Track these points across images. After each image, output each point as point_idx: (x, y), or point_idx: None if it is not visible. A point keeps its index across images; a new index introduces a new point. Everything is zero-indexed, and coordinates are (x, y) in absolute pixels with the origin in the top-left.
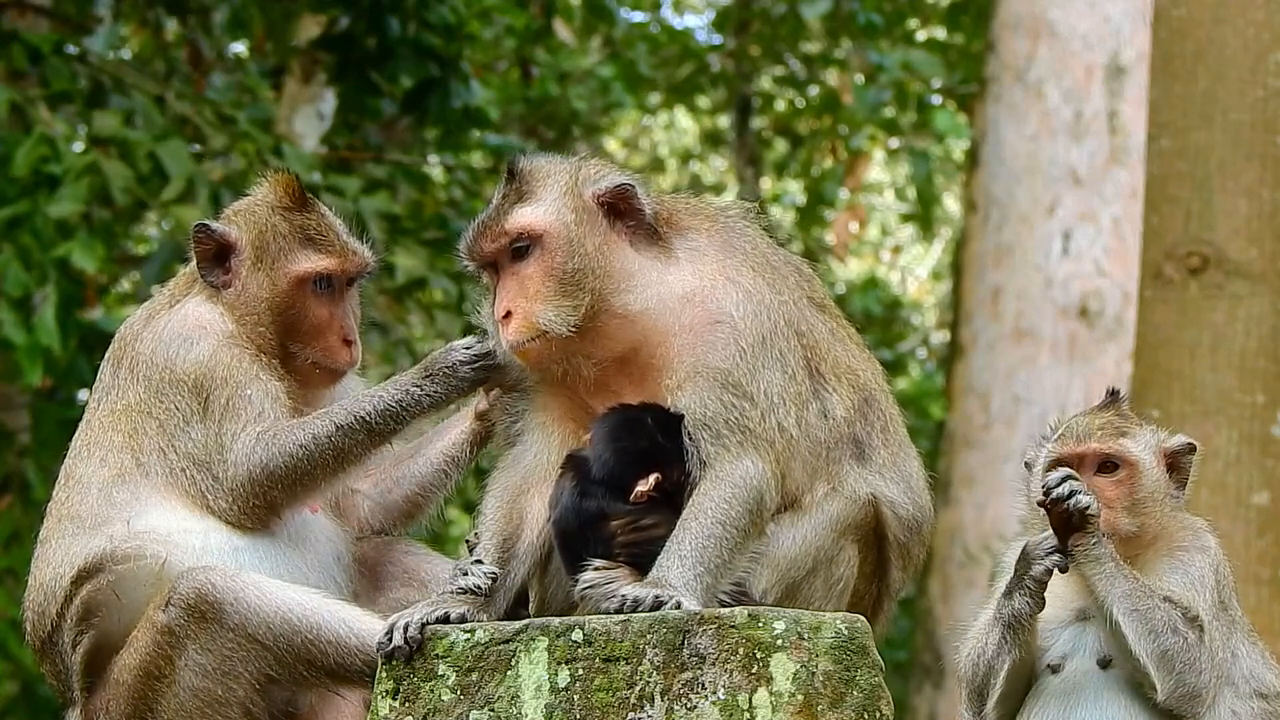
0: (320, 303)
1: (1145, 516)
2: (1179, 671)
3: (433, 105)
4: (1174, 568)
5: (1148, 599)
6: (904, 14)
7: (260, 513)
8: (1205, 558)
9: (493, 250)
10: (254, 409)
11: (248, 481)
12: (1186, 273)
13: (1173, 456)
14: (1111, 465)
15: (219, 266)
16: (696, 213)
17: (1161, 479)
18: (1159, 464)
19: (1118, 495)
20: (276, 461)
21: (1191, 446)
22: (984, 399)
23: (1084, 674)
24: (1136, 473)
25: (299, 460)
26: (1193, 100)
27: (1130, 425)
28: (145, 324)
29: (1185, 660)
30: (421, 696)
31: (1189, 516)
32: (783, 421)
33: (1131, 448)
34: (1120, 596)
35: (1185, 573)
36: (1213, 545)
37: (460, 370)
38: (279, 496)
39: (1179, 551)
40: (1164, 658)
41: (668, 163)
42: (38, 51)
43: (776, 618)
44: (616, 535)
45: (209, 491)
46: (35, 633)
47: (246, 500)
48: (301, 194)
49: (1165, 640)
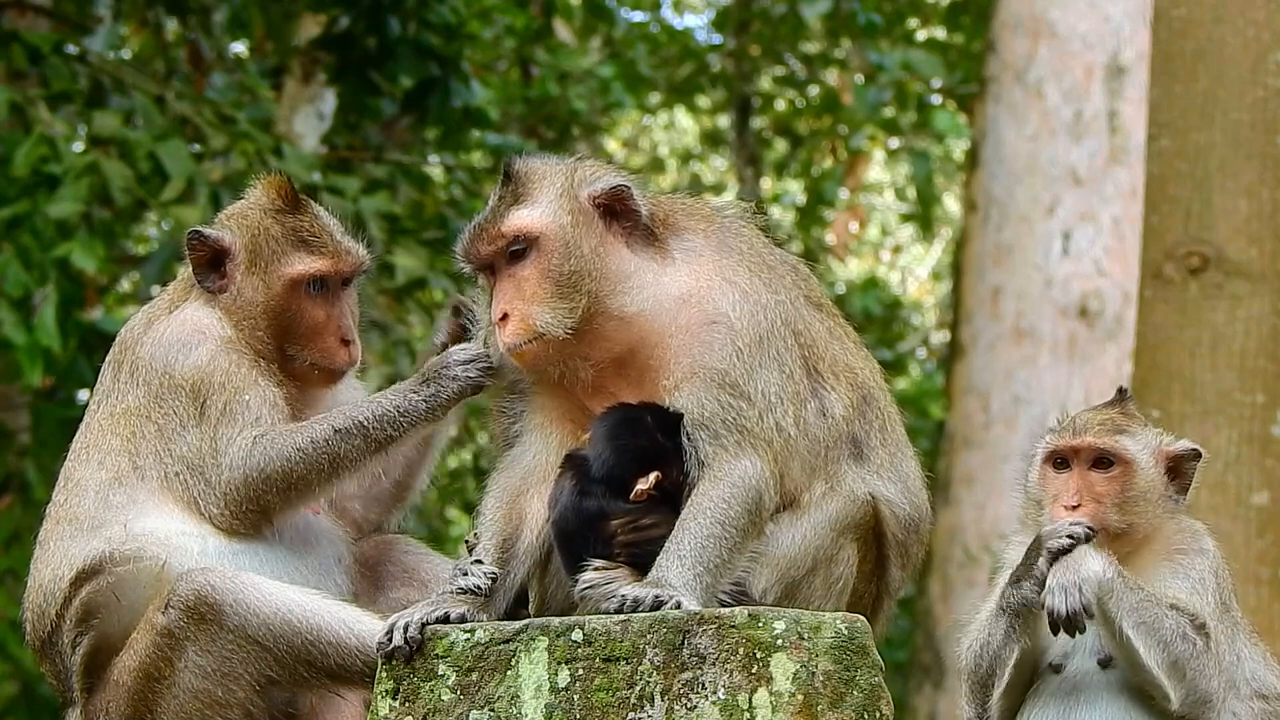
0: (316, 304)
1: (1135, 516)
2: (1190, 679)
3: (433, 105)
4: (1174, 572)
5: (1154, 608)
6: (904, 14)
7: (252, 517)
8: (1205, 561)
9: (489, 252)
10: (251, 414)
11: (242, 485)
12: (1186, 273)
13: (1175, 460)
14: (1106, 461)
15: (214, 272)
16: (692, 213)
17: (1157, 480)
18: (1157, 465)
19: (1108, 491)
20: (272, 465)
21: (1196, 453)
22: (984, 399)
23: (1084, 673)
24: (1131, 471)
25: (294, 465)
26: (1193, 100)
27: (1132, 424)
28: (145, 328)
29: (1195, 667)
30: (421, 696)
31: (1187, 519)
32: (780, 421)
33: (1128, 445)
34: (1128, 610)
35: (1186, 577)
36: (1211, 548)
37: (458, 374)
38: (272, 501)
39: (1178, 555)
40: (1175, 666)
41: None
42: (38, 51)
43: (776, 618)
44: (616, 535)
45: (201, 496)
46: (35, 633)
47: (240, 505)
48: (293, 196)
49: (1175, 649)
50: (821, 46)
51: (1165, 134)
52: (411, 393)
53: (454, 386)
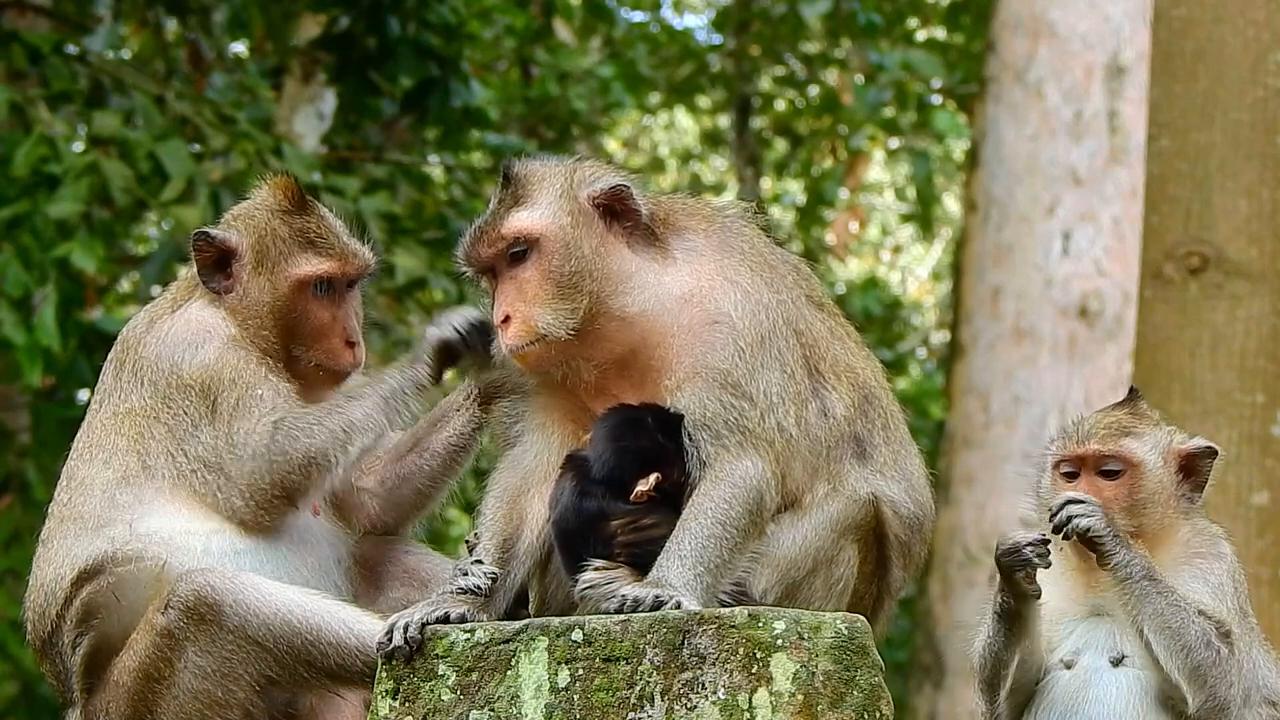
0: (322, 305)
1: (1144, 518)
2: (1211, 685)
3: (433, 105)
4: (1195, 576)
5: (1180, 613)
6: (904, 14)
7: (278, 504)
8: (1223, 565)
9: (490, 255)
10: (266, 404)
11: (267, 472)
12: (1186, 273)
13: (1187, 459)
14: (1113, 467)
15: (220, 272)
16: (693, 213)
17: (1168, 481)
18: (1167, 465)
19: (1116, 496)
20: (295, 445)
21: (1211, 450)
22: (984, 399)
23: (1095, 671)
24: (1138, 474)
25: (315, 441)
26: (1193, 100)
27: (1140, 424)
28: (148, 328)
29: (1217, 674)
30: (421, 696)
31: (1204, 522)
32: (782, 421)
33: (1135, 448)
34: (1151, 615)
35: (1206, 581)
36: (1229, 552)
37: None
38: (297, 482)
39: (1197, 559)
40: (1196, 672)
41: (668, 163)
42: (38, 51)
43: (776, 618)
44: (616, 535)
45: (221, 491)
46: (36, 633)
47: (265, 493)
48: (301, 197)
49: (1199, 655)
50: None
51: (1165, 134)
52: (412, 362)
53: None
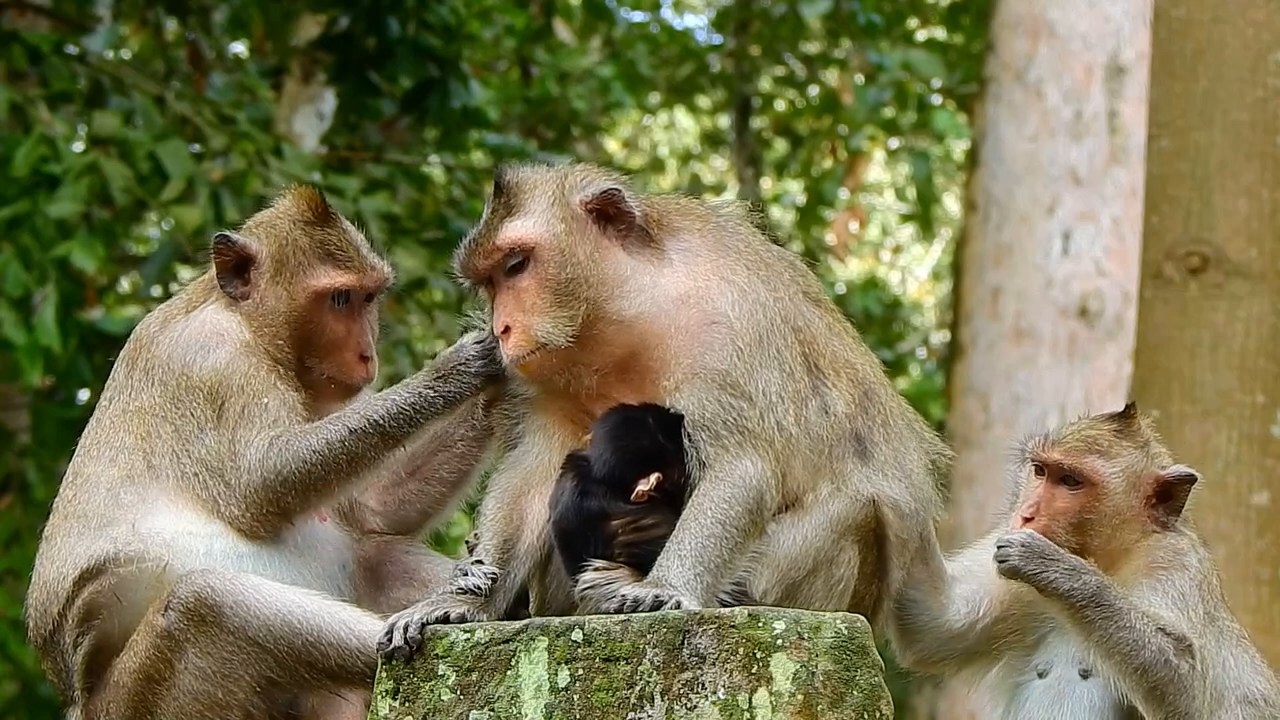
0: (338, 318)
1: (1090, 538)
2: (1171, 701)
3: (432, 105)
4: (1153, 589)
5: (1132, 634)
6: (904, 14)
7: (273, 519)
8: (1185, 576)
9: (487, 266)
10: (269, 416)
11: (261, 487)
12: (1186, 273)
13: (1164, 485)
14: (1074, 479)
15: (238, 278)
16: (687, 213)
17: (1126, 506)
18: (1136, 489)
19: (1068, 509)
20: (290, 466)
21: (1191, 477)
22: (984, 399)
23: (1067, 682)
24: (1096, 493)
25: (313, 465)
26: (1193, 100)
27: (1117, 444)
28: (162, 327)
29: (1175, 689)
30: (421, 696)
31: (1171, 536)
32: (782, 420)
33: (1098, 468)
34: (1099, 640)
35: (1165, 594)
36: (1194, 564)
37: (473, 365)
38: (292, 502)
39: (1159, 571)
40: (1153, 692)
41: (668, 163)
42: (38, 51)
43: (776, 618)
44: (617, 535)
45: (221, 498)
46: (38, 630)
47: (260, 507)
48: (324, 209)
49: (1155, 674)
50: (821, 46)
51: (1165, 134)
52: (426, 387)
53: (468, 379)
